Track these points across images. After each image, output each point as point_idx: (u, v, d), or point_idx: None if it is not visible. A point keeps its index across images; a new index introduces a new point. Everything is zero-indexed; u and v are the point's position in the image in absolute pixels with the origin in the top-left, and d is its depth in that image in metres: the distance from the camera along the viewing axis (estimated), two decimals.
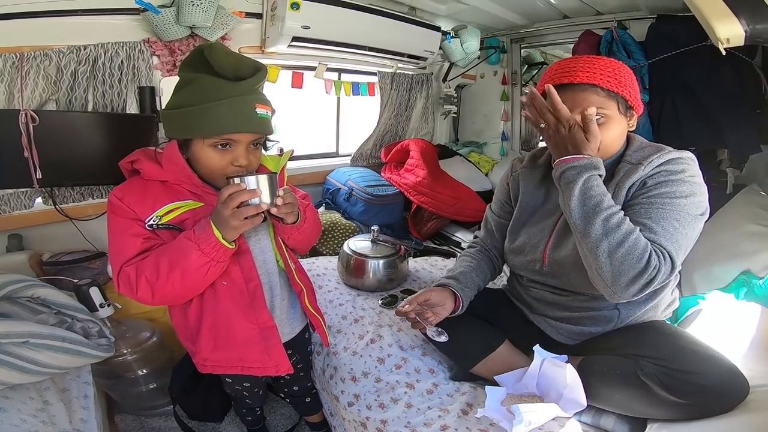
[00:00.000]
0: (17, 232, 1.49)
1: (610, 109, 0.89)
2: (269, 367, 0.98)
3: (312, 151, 2.60)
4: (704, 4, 1.09)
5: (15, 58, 1.26)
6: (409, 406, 1.04)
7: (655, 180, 0.87)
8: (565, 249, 0.97)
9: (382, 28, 1.94)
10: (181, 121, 0.84)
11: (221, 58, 0.81)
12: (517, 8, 2.24)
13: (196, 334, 0.96)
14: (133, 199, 0.86)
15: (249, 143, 0.87)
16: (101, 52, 1.39)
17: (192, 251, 0.79)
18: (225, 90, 0.81)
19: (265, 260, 0.99)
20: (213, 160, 0.85)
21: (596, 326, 1.00)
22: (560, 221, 1.01)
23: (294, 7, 1.61)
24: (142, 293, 0.82)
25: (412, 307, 0.99)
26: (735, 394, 0.80)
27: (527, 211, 1.10)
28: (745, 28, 1.09)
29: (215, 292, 0.92)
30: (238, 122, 0.82)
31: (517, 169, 1.15)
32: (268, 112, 0.87)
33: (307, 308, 1.06)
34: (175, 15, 1.43)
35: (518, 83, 2.77)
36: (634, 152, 0.94)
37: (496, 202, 1.21)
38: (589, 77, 0.88)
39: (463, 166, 2.67)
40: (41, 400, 0.99)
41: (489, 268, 1.17)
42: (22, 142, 1.21)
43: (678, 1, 1.62)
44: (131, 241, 0.84)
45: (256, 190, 0.78)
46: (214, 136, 0.83)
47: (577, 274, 0.94)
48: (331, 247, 2.00)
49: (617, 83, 0.88)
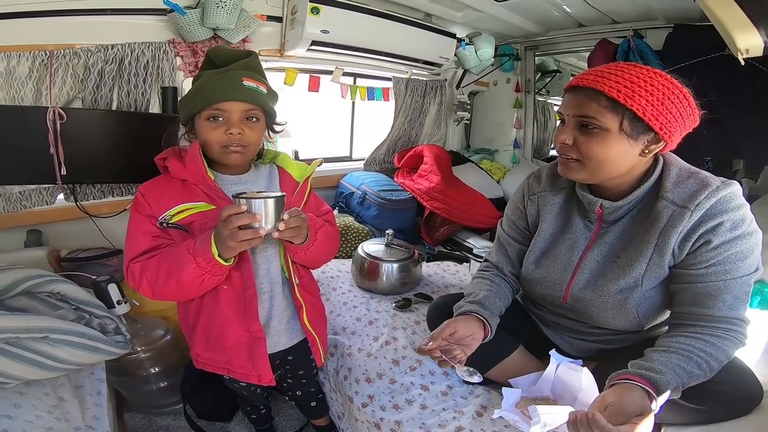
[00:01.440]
0: (37, 228, 1.50)
1: (607, 122, 0.78)
2: (252, 375, 0.99)
3: (326, 154, 2.62)
4: (725, 14, 1.10)
5: (44, 56, 1.28)
6: (423, 407, 1.03)
7: (721, 238, 0.77)
8: (588, 291, 0.92)
9: (398, 34, 1.96)
10: (184, 105, 0.93)
11: (219, 53, 0.94)
12: (532, 16, 2.25)
13: (192, 330, 1.00)
14: (154, 196, 0.91)
15: (241, 114, 0.90)
16: (128, 52, 1.41)
17: (188, 264, 0.81)
18: (217, 72, 0.90)
19: (269, 269, 1.00)
20: (207, 132, 0.90)
21: (614, 345, 0.99)
22: (585, 259, 0.93)
23: (314, 11, 1.63)
24: (144, 290, 0.87)
25: (437, 344, 0.87)
26: (750, 399, 0.80)
27: (546, 240, 1.01)
28: (764, 39, 1.09)
29: (216, 294, 0.94)
30: (223, 91, 0.88)
31: (535, 191, 1.04)
32: (259, 86, 0.91)
33: (304, 325, 1.05)
34: (199, 16, 1.45)
35: (531, 91, 2.78)
36: (675, 186, 0.82)
37: (511, 226, 1.10)
38: (596, 82, 0.78)
39: (474, 173, 2.67)
40: (56, 396, 0.99)
41: (510, 293, 1.08)
42: (49, 139, 1.23)
43: (695, 10, 1.62)
44: (141, 239, 0.89)
45: (256, 215, 0.77)
46: (206, 108, 0.88)
47: (600, 314, 0.92)
48: (345, 250, 2.01)
49: (629, 94, 0.76)
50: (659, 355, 0.76)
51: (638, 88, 0.76)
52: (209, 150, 0.92)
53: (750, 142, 1.70)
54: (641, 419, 0.65)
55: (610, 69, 0.80)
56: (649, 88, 0.76)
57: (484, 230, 2.32)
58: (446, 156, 2.48)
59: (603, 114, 0.78)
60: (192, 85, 0.94)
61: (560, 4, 2.01)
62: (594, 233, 0.94)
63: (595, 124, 0.79)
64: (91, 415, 1.02)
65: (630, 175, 0.86)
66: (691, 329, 0.79)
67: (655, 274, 0.85)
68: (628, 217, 0.90)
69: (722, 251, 0.78)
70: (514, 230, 1.10)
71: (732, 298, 0.78)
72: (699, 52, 1.70)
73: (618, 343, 0.99)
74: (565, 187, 1.00)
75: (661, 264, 0.84)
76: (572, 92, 0.84)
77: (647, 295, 0.87)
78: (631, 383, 0.71)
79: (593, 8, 1.97)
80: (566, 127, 0.85)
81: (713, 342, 0.76)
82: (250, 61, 0.94)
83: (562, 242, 0.98)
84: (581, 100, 0.81)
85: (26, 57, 1.26)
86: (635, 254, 0.86)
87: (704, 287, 0.79)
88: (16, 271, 1.12)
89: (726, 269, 0.78)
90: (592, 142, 0.81)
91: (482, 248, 2.12)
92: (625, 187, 0.88)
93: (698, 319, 0.80)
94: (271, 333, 1.02)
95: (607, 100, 0.77)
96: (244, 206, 0.76)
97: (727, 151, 1.79)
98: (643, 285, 0.86)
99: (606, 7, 1.96)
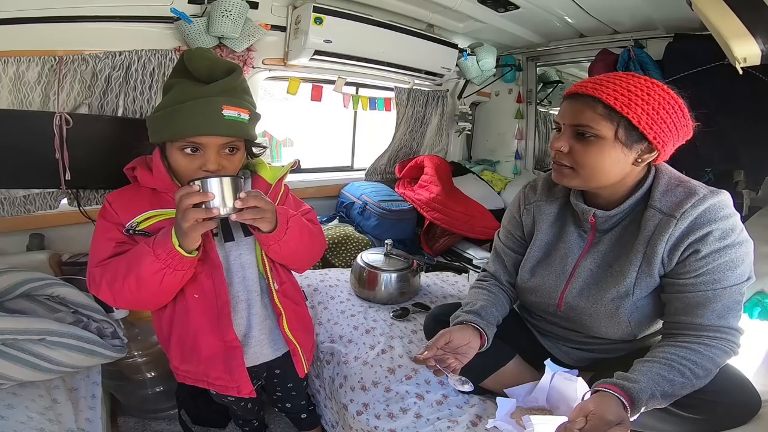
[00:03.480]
0: (40, 232, 1.52)
1: (602, 130, 0.78)
2: (231, 387, 0.95)
3: (327, 164, 2.64)
4: (721, 23, 1.11)
5: (54, 62, 1.31)
6: (418, 416, 1.02)
7: (710, 247, 0.76)
8: (582, 299, 0.92)
9: (400, 44, 1.99)
10: (154, 126, 0.84)
11: (197, 61, 0.81)
12: (534, 27, 2.27)
13: (167, 342, 0.96)
14: (121, 204, 0.87)
15: (219, 147, 0.82)
16: (135, 59, 1.44)
17: (146, 256, 0.76)
18: (193, 92, 0.80)
19: (245, 276, 0.96)
20: (182, 165, 0.83)
21: (609, 354, 0.99)
22: (579, 268, 0.94)
23: (317, 21, 1.67)
24: (104, 294, 0.82)
25: (432, 353, 0.87)
26: (748, 409, 0.80)
27: (541, 249, 1.02)
28: (761, 47, 1.10)
29: (186, 304, 0.90)
30: (200, 124, 0.79)
31: (530, 200, 1.05)
32: (241, 114, 0.81)
33: (284, 333, 0.99)
34: (205, 25, 1.48)
35: (533, 101, 2.79)
36: (663, 196, 0.83)
37: (508, 236, 1.11)
38: (594, 89, 0.79)
39: (476, 184, 2.67)
40: (50, 398, 0.99)
41: (507, 303, 1.08)
42: (54, 144, 1.25)
43: (695, 20, 1.62)
44: (105, 244, 0.84)
45: (208, 194, 0.73)
46: (179, 140, 0.81)
47: (593, 323, 0.92)
48: (344, 259, 2.01)
49: (625, 102, 0.76)
50: (641, 365, 0.77)
51: (635, 97, 0.76)
52: (179, 179, 0.87)
53: (751, 152, 1.68)
54: (619, 429, 0.67)
55: (608, 78, 0.81)
56: (646, 97, 0.76)
57: (483, 241, 2.31)
58: (447, 167, 2.49)
59: (599, 122, 0.79)
60: (163, 93, 0.87)
61: (561, 15, 2.03)
62: (588, 242, 0.94)
63: (591, 131, 0.80)
64: (84, 417, 1.01)
65: (623, 184, 0.87)
66: (679, 338, 0.79)
67: (646, 283, 0.85)
68: (621, 226, 0.90)
69: (711, 260, 0.77)
70: (511, 240, 1.10)
71: (721, 307, 0.78)
72: (699, 61, 1.70)
73: (614, 352, 0.98)
74: (560, 197, 1.01)
75: (650, 273, 0.84)
76: (570, 100, 0.84)
77: (638, 304, 0.86)
78: (608, 392, 0.72)
79: (594, 18, 1.98)
80: (562, 135, 0.85)
81: (698, 350, 0.76)
82: (231, 81, 0.82)
83: (557, 251, 0.98)
84: (578, 108, 0.81)
85: (36, 62, 1.29)
86: (626, 263, 0.86)
87: (693, 297, 0.79)
88: (17, 274, 1.13)
89: (715, 278, 0.77)
90: (587, 150, 0.81)
91: (482, 259, 2.11)
92: (618, 196, 0.88)
93: (687, 328, 0.80)
94: (252, 343, 0.99)
95: (603, 108, 0.78)
96: (195, 185, 0.73)
97: (727, 161, 1.78)
98: (634, 294, 0.86)
99: (607, 17, 1.98)
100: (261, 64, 1.82)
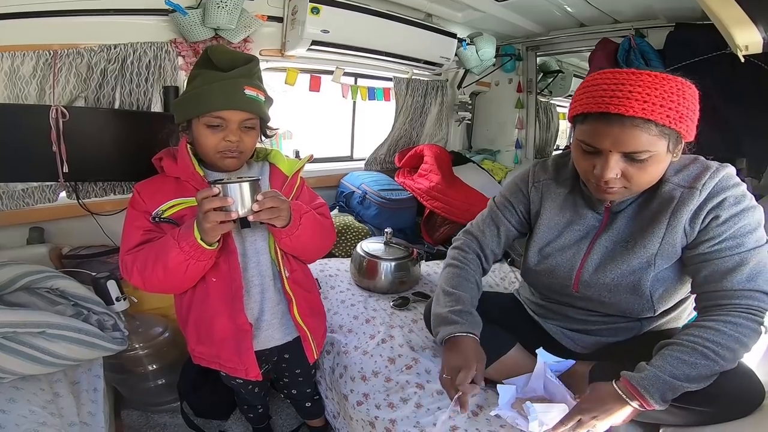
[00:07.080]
0: (39, 225, 1.52)
1: (658, 148, 0.76)
2: (239, 369, 0.99)
3: (327, 154, 2.63)
4: (722, 11, 1.09)
5: (48, 56, 1.30)
6: (418, 406, 1.03)
7: (728, 212, 0.79)
8: (600, 275, 0.93)
9: (399, 34, 1.97)
10: (183, 107, 0.93)
11: (219, 54, 0.93)
12: (533, 16, 2.25)
13: (185, 323, 1.01)
14: (148, 193, 0.94)
15: (240, 122, 0.91)
16: (130, 51, 1.43)
17: (172, 248, 0.84)
18: (218, 77, 0.90)
19: (259, 261, 1.00)
20: (206, 137, 0.91)
21: (615, 337, 0.99)
22: (595, 246, 0.94)
23: (314, 11, 1.65)
24: (135, 281, 0.90)
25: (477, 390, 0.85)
26: (751, 400, 0.80)
27: (554, 230, 1.01)
28: (763, 35, 1.09)
29: (206, 287, 0.96)
30: (225, 101, 0.89)
31: (540, 178, 1.04)
32: (259, 95, 0.92)
33: (295, 319, 1.03)
34: (201, 16, 1.47)
35: (533, 91, 2.78)
36: (678, 172, 0.85)
37: (508, 207, 1.09)
38: (645, 110, 0.72)
39: (476, 173, 2.66)
40: (51, 391, 0.99)
41: (480, 280, 1.08)
42: (51, 137, 1.24)
43: (696, 9, 1.61)
44: (135, 233, 0.92)
45: (228, 199, 0.79)
46: (205, 114, 0.89)
47: (613, 298, 0.93)
48: (344, 249, 2.01)
49: (677, 117, 0.73)
50: (660, 352, 0.79)
51: (680, 106, 0.74)
52: (205, 154, 0.94)
53: (753, 140, 1.69)
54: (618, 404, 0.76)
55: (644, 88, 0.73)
56: (683, 102, 0.74)
57: None
58: (446, 156, 2.48)
59: (655, 143, 0.75)
60: (188, 83, 0.95)
61: (561, 4, 2.01)
62: (602, 222, 0.96)
63: (648, 153, 0.76)
64: (87, 411, 1.02)
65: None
66: (709, 314, 0.80)
67: (668, 253, 0.87)
68: (636, 203, 0.92)
69: (731, 224, 0.80)
70: (510, 212, 1.09)
71: (749, 270, 0.79)
72: (700, 50, 1.69)
73: (621, 334, 0.99)
74: (569, 178, 1.01)
75: (673, 243, 0.86)
76: (612, 124, 0.75)
77: (660, 276, 0.88)
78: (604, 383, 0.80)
79: (594, 8, 1.97)
80: (609, 163, 0.78)
81: (723, 330, 0.76)
82: (252, 68, 0.94)
83: (569, 232, 0.99)
84: (629, 134, 0.75)
85: (30, 56, 1.28)
86: (647, 236, 0.88)
87: (721, 263, 0.80)
88: (17, 267, 1.13)
89: (738, 243, 0.80)
90: (644, 170, 0.79)
91: None
92: None
93: (719, 297, 0.80)
94: (263, 327, 1.02)
95: (656, 127, 0.74)
96: (215, 189, 0.79)
97: (730, 150, 1.77)
98: (656, 265, 0.87)
99: (607, 6, 1.96)
100: (258, 55, 1.80)
